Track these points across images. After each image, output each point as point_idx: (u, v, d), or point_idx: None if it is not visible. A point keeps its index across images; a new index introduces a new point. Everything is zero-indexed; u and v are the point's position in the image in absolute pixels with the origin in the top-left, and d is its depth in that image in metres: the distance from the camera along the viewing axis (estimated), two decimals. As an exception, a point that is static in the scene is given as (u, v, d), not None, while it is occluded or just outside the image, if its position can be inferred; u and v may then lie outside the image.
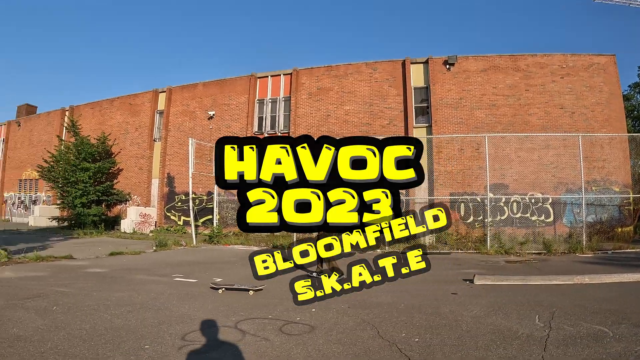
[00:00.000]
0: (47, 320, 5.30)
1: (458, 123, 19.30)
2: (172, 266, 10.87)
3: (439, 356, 4.12)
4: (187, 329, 5.00)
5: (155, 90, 26.99)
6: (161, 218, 25.03)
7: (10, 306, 6.00)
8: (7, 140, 37.15)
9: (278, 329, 5.06)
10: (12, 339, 4.52)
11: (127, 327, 5.05)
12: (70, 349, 4.27)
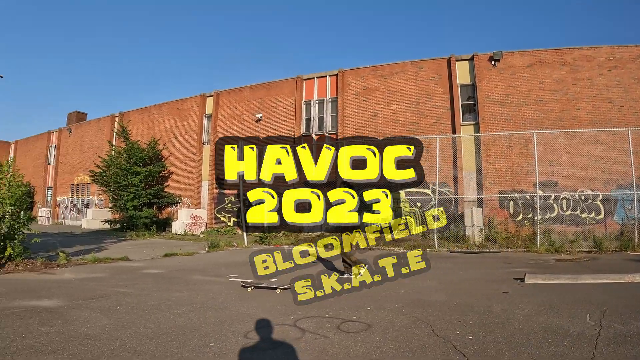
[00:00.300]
0: (112, 320, 5.67)
1: (505, 120, 19.99)
2: (226, 267, 11.46)
3: (492, 353, 4.32)
4: (248, 327, 5.34)
5: (203, 94, 29.07)
6: (211, 219, 26.96)
7: (75, 306, 6.40)
8: (59, 146, 40.34)
9: (336, 327, 5.35)
10: (82, 337, 4.84)
11: (190, 326, 5.40)
12: (138, 346, 4.56)
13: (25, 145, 46.34)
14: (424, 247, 15.41)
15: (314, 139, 24.29)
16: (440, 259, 12.78)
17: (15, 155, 45.90)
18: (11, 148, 48.52)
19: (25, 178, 38.50)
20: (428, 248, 15.24)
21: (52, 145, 41.53)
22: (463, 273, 9.98)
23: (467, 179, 20.41)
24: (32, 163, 43.17)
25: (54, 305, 6.44)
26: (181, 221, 24.98)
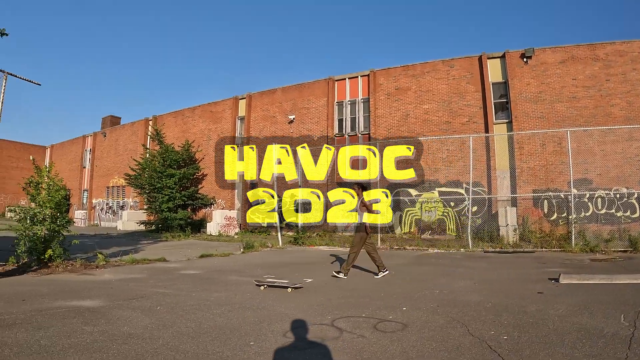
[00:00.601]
0: (153, 319, 5.82)
1: (538, 117, 20.23)
2: (262, 267, 11.67)
3: (527, 353, 4.39)
4: (287, 327, 5.48)
5: (236, 97, 30.23)
6: (245, 220, 27.96)
7: (116, 306, 6.59)
8: (93, 150, 42.15)
9: (373, 327, 5.49)
10: (124, 336, 4.98)
11: (230, 326, 5.55)
12: (180, 345, 4.70)
13: (61, 149, 48.48)
14: (457, 247, 15.95)
15: (347, 139, 25.09)
16: (474, 259, 13.04)
17: (51, 159, 48.15)
18: (47, 152, 50.81)
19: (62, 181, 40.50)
20: (462, 248, 15.65)
21: (87, 149, 43.44)
22: (497, 273, 10.15)
23: (501, 178, 20.68)
24: (68, 166, 45.21)
25: (96, 306, 6.68)
26: (215, 222, 26.00)
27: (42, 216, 10.74)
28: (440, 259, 13.19)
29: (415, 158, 22.03)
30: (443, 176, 21.57)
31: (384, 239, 18.68)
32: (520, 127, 20.33)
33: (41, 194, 11.03)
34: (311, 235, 20.63)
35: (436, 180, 21.69)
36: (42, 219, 10.71)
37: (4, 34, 11.01)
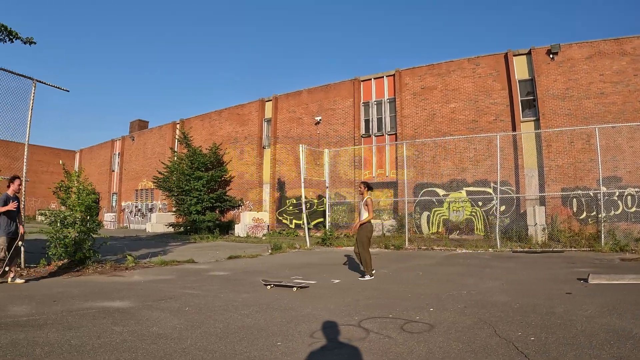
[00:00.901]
0: (182, 320, 5.98)
1: (566, 115, 20.31)
2: (289, 268, 11.91)
3: (554, 354, 4.39)
4: (314, 327, 5.60)
5: (262, 99, 31.13)
6: (273, 222, 28.84)
7: (145, 307, 6.79)
8: (122, 154, 43.69)
9: (399, 328, 5.57)
10: (153, 336, 5.12)
11: (257, 326, 5.69)
12: (208, 345, 4.82)
13: (90, 153, 50.26)
14: (485, 247, 16.25)
15: (374, 140, 25.67)
16: (503, 259, 13.15)
17: (81, 164, 50.00)
18: (76, 157, 52.71)
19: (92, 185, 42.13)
20: (490, 248, 15.94)
21: (116, 152, 45.07)
22: (526, 273, 10.23)
23: (529, 177, 20.92)
24: (97, 170, 46.94)
25: (125, 306, 6.88)
26: (243, 224, 26.89)
27: (72, 219, 11.17)
28: (468, 259, 13.38)
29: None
30: (470, 175, 21.91)
31: (412, 239, 19.08)
32: (548, 125, 20.49)
33: (71, 198, 11.50)
34: (339, 236, 21.03)
35: (464, 180, 22.07)
36: (73, 222, 11.15)
37: (32, 42, 11.63)
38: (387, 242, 18.04)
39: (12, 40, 11.22)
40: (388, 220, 23.34)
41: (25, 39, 11.45)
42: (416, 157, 23.33)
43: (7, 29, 11.00)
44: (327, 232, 19.92)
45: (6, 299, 7.16)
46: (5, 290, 7.98)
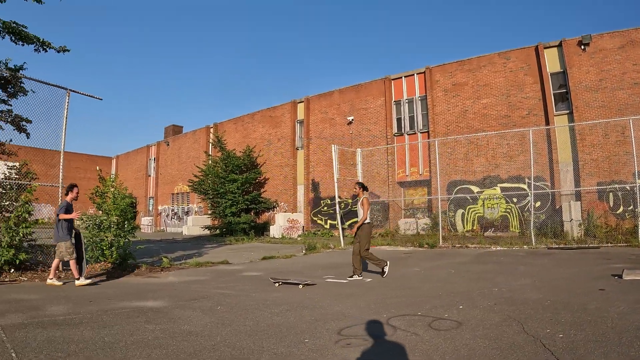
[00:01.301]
0: (213, 318, 6.28)
1: (600, 107, 20.33)
2: (322, 268, 12.36)
3: (581, 351, 4.42)
4: (342, 325, 5.80)
5: (294, 101, 32.24)
6: (308, 222, 29.88)
7: (178, 306, 7.13)
8: (157, 158, 45.53)
9: (427, 325, 5.69)
10: (184, 334, 5.39)
11: (286, 324, 5.92)
12: (237, 342, 5.05)
13: (126, 159, 52.38)
14: (520, 244, 16.57)
15: (407, 138, 26.37)
16: (537, 256, 13.26)
17: (117, 169, 52.19)
18: (113, 163, 54.89)
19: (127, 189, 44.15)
20: (525, 245, 16.23)
21: (152, 158, 46.97)
22: (560, 270, 10.32)
23: (564, 172, 21.18)
24: (133, 175, 49.00)
25: (159, 306, 7.21)
26: (278, 225, 27.96)
27: (108, 223, 11.83)
28: (502, 257, 13.53)
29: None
30: (504, 172, 22.34)
31: (446, 237, 19.66)
32: (581, 118, 20.60)
33: (107, 202, 12.11)
34: (373, 236, 21.62)
35: (497, 176, 22.52)
36: (109, 226, 11.81)
37: (65, 50, 12.46)
38: (421, 240, 18.56)
39: (46, 49, 12.07)
40: (422, 218, 24.00)
41: (58, 48, 12.29)
42: (449, 154, 23.89)
43: (39, 40, 11.82)
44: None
45: (44, 300, 7.61)
46: (44, 292, 8.49)
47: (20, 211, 10.35)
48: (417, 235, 21.58)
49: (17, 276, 9.91)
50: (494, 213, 22.59)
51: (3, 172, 12.16)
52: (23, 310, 6.68)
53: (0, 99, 11.88)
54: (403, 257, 14.44)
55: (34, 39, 11.78)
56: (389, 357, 4.56)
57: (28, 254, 10.52)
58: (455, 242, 18.40)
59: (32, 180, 11.98)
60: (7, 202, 11.12)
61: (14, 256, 9.93)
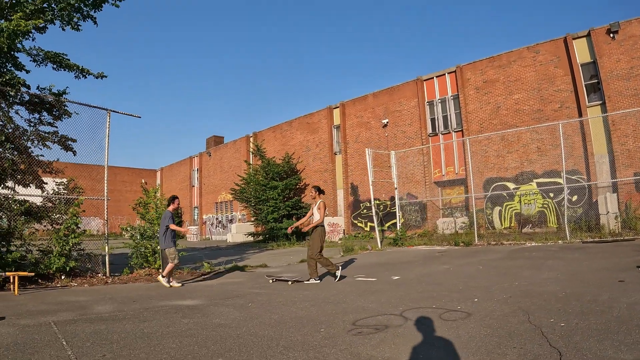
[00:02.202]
0: (243, 313, 7.11)
1: (633, 95, 20.30)
2: (356, 268, 13.25)
3: (577, 339, 4.74)
4: (358, 317, 6.49)
5: (329, 106, 33.52)
6: (348, 226, 31.04)
7: (213, 304, 8.07)
8: (200, 169, 47.65)
9: (438, 316, 6.25)
10: (214, 326, 6.27)
11: (308, 317, 6.70)
12: (260, 331, 5.84)
13: (170, 171, 54.82)
14: (555, 239, 16.90)
15: (441, 138, 27.13)
16: (570, 250, 13.58)
17: (162, 181, 54.70)
18: (157, 175, 57.51)
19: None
20: (560, 240, 16.55)
21: (195, 168, 49.19)
22: (587, 263, 10.61)
23: (599, 164, 21.37)
24: (178, 186, 51.29)
25: (195, 304, 8.17)
26: (320, 229, 29.09)
27: (151, 232, 12.94)
28: (534, 252, 13.85)
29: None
30: (539, 166, 22.75)
31: (482, 235, 20.33)
32: (614, 108, 20.61)
33: (149, 213, 13.25)
34: (411, 236, 22.54)
35: (533, 171, 22.96)
36: (152, 234, 12.90)
37: (103, 76, 13.62)
38: (458, 239, 19.13)
39: (86, 76, 13.25)
40: (460, 217, 24.78)
41: (97, 74, 13.45)
42: (483, 152, 24.58)
43: (79, 68, 13.06)
44: (398, 232, 21.42)
45: (92, 301, 8.57)
46: (92, 295, 9.54)
47: (69, 223, 11.82)
48: (455, 234, 22.23)
49: (67, 282, 11.26)
50: (531, 209, 22.97)
51: (52, 188, 13.67)
52: (73, 309, 7.73)
53: (47, 121, 13.03)
54: (437, 256, 15.11)
55: (74, 66, 13.01)
56: (391, 342, 5.15)
57: (77, 262, 11.92)
58: (491, 239, 18.84)
59: (79, 195, 13.54)
60: (57, 215, 12.61)
61: (64, 264, 11.34)
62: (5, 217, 11.53)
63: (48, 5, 12.14)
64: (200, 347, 5.22)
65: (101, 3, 12.90)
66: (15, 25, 10.42)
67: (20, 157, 12.13)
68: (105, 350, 5.14)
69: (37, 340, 5.56)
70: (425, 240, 21.27)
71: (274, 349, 5.05)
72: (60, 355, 4.95)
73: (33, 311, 7.61)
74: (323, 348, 5.04)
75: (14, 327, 6.30)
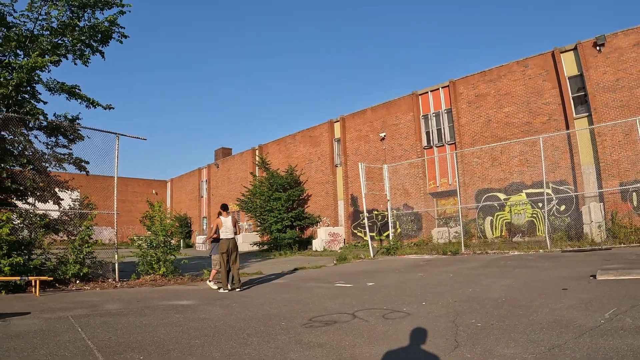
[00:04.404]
0: (225, 311, 8.56)
1: (619, 107, 20.88)
2: (341, 275, 14.17)
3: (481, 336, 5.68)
4: (316, 315, 7.74)
5: (330, 120, 34.94)
6: (349, 235, 32.25)
7: (203, 304, 9.58)
8: (209, 180, 49.20)
9: (382, 316, 7.37)
10: (200, 319, 7.75)
11: (276, 314, 8.01)
12: (233, 323, 7.29)
13: (180, 182, 56.49)
14: (537, 248, 17.55)
15: (435, 151, 28.23)
16: (543, 259, 14.24)
17: (172, 192, 56.41)
18: (168, 186, 59.16)
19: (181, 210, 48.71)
20: (541, 249, 17.18)
21: (203, 180, 50.82)
22: (549, 272, 11.22)
23: (586, 174, 22.10)
24: (187, 197, 53.06)
25: (189, 304, 9.63)
26: (320, 239, 30.30)
27: (156, 242, 14.38)
28: (510, 261, 14.48)
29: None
30: (528, 177, 23.61)
31: (469, 244, 21.24)
32: (600, 119, 21.25)
33: (155, 225, 14.61)
34: (408, 245, 23.71)
35: (522, 182, 23.87)
36: (157, 244, 14.35)
37: (111, 107, 15.11)
38: (446, 248, 19.93)
39: (95, 106, 14.77)
40: (454, 227, 25.80)
41: (105, 106, 15.02)
42: (476, 164, 25.67)
43: (89, 99, 14.59)
44: (391, 242, 22.59)
45: (102, 301, 10.10)
46: (102, 296, 10.95)
47: (83, 234, 13.35)
48: (449, 243, 23.07)
49: (81, 286, 12.79)
50: (521, 219, 23.82)
51: (69, 203, 15.21)
52: (86, 307, 9.23)
53: (62, 144, 14.67)
54: (421, 264, 15.91)
55: (84, 97, 14.57)
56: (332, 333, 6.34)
57: (90, 268, 13.44)
58: (477, 248, 19.58)
59: (91, 210, 15.15)
60: (72, 228, 14.05)
61: (79, 270, 12.82)
62: (27, 229, 13.02)
63: (61, 41, 13.72)
64: (184, 333, 6.70)
65: (107, 39, 14.48)
66: (33, 62, 12.00)
67: (40, 176, 13.70)
68: (111, 334, 6.65)
69: (58, 328, 7.09)
70: (416, 249, 22.15)
71: (239, 335, 6.49)
72: (76, 337, 6.47)
73: (53, 308, 9.11)
74: (277, 335, 6.37)
75: (38, 319, 7.81)
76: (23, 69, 12.10)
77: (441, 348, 5.34)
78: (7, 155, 13.05)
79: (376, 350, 5.45)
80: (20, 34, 12.97)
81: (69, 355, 5.50)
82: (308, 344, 5.87)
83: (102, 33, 14.14)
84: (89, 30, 13.87)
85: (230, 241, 12.11)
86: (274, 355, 5.40)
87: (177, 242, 15.63)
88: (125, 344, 6.09)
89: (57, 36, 13.58)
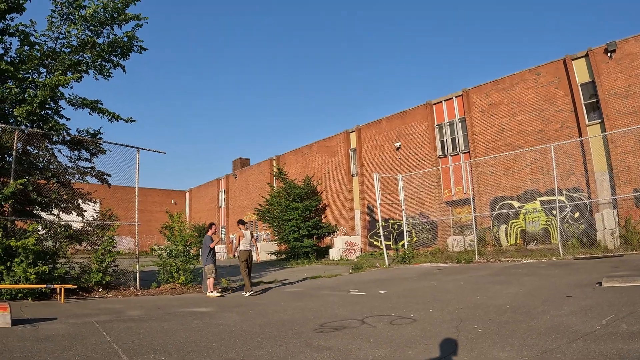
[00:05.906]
0: (241, 317, 9.01)
1: (632, 113, 20.86)
2: (355, 284, 14.50)
3: (480, 340, 5.89)
4: (327, 321, 8.05)
5: (346, 131, 35.38)
6: (365, 244, 32.55)
7: (221, 310, 10.11)
8: (227, 190, 49.81)
9: (389, 322, 7.59)
10: (217, 324, 8.19)
11: (289, 320, 8.37)
12: (248, 329, 7.59)
13: (198, 192, 57.21)
14: (549, 256, 17.51)
15: (450, 160, 28.47)
16: (554, 267, 14.28)
17: (191, 202, 57.11)
18: (186, 196, 59.90)
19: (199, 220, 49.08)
20: (554, 257, 17.18)
21: (222, 190, 51.47)
22: (556, 280, 11.32)
23: (600, 181, 22.15)
24: (206, 207, 53.73)
25: (207, 310, 10.13)
26: (337, 248, 30.60)
27: (176, 252, 14.96)
28: (521, 269, 14.47)
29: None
30: (542, 185, 23.67)
31: (483, 252, 21.33)
32: (613, 126, 21.35)
33: (174, 235, 15.21)
34: (424, 254, 23.86)
35: (536, 190, 23.99)
36: (176, 254, 14.94)
37: (132, 120, 15.56)
38: (460, 256, 20.00)
39: (117, 120, 15.29)
40: (469, 235, 25.91)
41: (126, 119, 15.53)
42: (490, 172, 25.85)
43: (110, 113, 15.09)
44: (406, 251, 22.82)
45: (125, 308, 10.66)
46: (125, 303, 11.58)
47: (105, 245, 13.96)
48: (464, 251, 23.09)
49: (104, 293, 13.39)
50: (535, 226, 23.88)
51: (92, 215, 15.78)
52: (110, 313, 9.75)
53: (84, 158, 15.27)
54: (434, 273, 16.06)
55: (106, 112, 15.11)
56: (340, 337, 6.68)
57: (112, 277, 14.06)
58: (490, 257, 19.68)
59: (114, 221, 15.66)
60: (95, 238, 14.72)
61: (101, 278, 13.38)
62: (52, 239, 13.63)
63: (82, 57, 14.29)
64: (202, 337, 7.16)
65: (128, 52, 15.01)
66: (56, 80, 12.59)
67: (64, 189, 14.36)
68: (134, 338, 7.12)
69: (84, 332, 7.57)
70: (431, 258, 22.28)
71: (254, 339, 6.90)
72: (102, 340, 6.94)
73: (78, 314, 9.67)
74: (289, 339, 6.77)
75: (65, 324, 8.27)
76: (47, 87, 12.71)
77: (441, 351, 5.68)
78: (33, 168, 13.70)
79: (380, 353, 5.78)
80: (42, 52, 13.55)
81: (96, 356, 5.95)
82: (317, 347, 6.25)
83: (121, 47, 14.69)
84: (109, 46, 14.41)
85: (249, 252, 13.69)
86: (285, 357, 5.78)
87: (195, 251, 16.03)
88: (147, 346, 6.53)
89: (78, 53, 14.15)
